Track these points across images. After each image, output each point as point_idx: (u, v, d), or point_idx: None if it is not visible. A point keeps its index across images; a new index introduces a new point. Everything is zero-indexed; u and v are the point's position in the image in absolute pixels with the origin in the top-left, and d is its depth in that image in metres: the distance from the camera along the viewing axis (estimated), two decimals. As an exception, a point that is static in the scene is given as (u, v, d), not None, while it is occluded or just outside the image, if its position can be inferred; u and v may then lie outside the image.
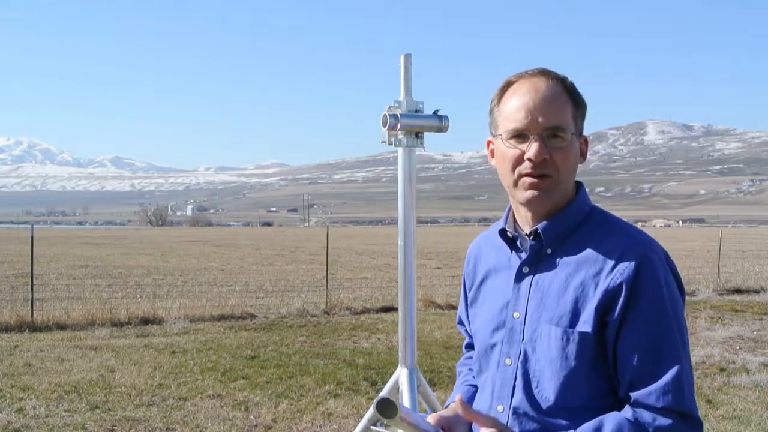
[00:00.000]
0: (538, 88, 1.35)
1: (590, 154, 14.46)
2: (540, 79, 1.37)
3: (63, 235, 50.88)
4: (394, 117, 1.93)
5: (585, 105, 1.41)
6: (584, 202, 1.40)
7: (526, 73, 1.40)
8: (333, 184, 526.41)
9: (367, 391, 6.27)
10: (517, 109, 1.35)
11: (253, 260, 25.47)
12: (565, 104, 1.36)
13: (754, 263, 21.00)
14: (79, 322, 9.87)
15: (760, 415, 5.64)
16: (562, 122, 1.34)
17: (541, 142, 1.33)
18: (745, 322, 10.52)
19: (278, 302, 12.27)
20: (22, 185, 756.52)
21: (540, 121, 1.33)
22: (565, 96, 1.36)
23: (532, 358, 1.32)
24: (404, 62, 2.07)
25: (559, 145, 1.34)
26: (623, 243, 1.29)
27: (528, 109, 1.34)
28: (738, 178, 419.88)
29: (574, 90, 1.39)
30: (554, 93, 1.35)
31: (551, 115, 1.33)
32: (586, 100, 1.42)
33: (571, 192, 1.40)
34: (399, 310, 2.11)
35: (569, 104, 1.36)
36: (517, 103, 1.36)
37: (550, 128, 1.33)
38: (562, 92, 1.36)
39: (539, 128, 1.33)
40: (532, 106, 1.33)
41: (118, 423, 5.33)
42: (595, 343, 1.26)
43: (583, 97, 1.41)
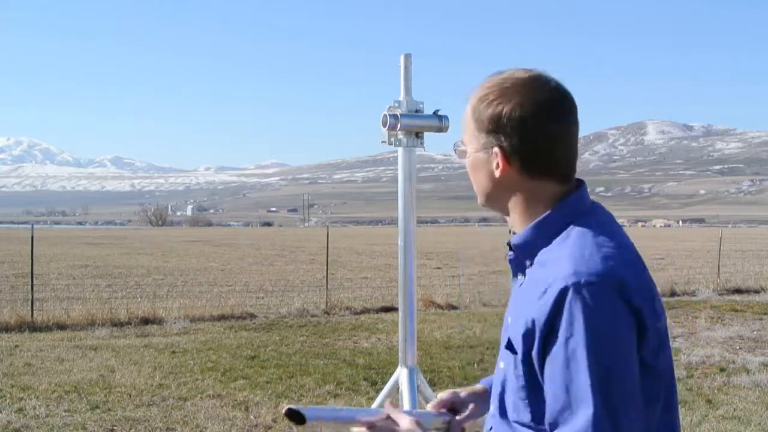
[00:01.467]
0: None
1: (590, 154, 13.89)
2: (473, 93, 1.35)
3: (63, 235, 50.88)
4: (394, 117, 1.93)
5: (485, 102, 1.28)
6: (562, 214, 1.26)
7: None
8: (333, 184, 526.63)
9: (367, 391, 6.27)
10: None
11: (253, 260, 25.48)
12: (467, 121, 1.33)
13: (754, 263, 20.99)
14: (79, 322, 9.88)
15: (760, 415, 5.64)
16: (463, 138, 1.36)
17: (454, 150, 1.40)
18: (745, 322, 10.53)
19: (278, 302, 12.27)
20: (22, 185, 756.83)
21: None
22: (471, 109, 1.32)
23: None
24: (404, 62, 2.07)
25: (462, 157, 1.38)
26: (557, 271, 1.18)
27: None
28: (738, 178, 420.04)
29: (478, 103, 1.30)
30: (467, 107, 1.34)
31: (462, 131, 1.37)
32: (501, 109, 1.26)
33: (517, 205, 1.32)
34: (399, 310, 2.12)
35: (471, 119, 1.32)
36: None
37: (458, 142, 1.39)
38: (471, 104, 1.32)
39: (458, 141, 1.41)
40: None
41: (118, 423, 5.33)
42: (526, 369, 1.23)
43: (486, 93, 1.28)
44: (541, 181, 1.27)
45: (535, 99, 1.25)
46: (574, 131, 1.29)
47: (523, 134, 1.25)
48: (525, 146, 1.25)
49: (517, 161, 1.26)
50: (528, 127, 1.24)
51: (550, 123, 1.25)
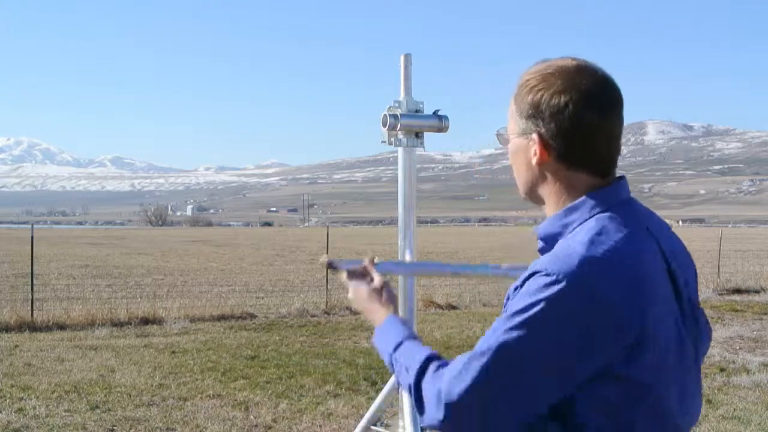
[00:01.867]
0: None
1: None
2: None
3: (63, 235, 50.89)
4: (394, 117, 1.93)
5: (528, 89, 1.24)
6: (588, 205, 1.22)
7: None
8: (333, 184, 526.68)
9: (367, 391, 6.27)
10: None
11: (253, 260, 25.48)
12: (511, 108, 1.30)
13: (754, 263, 20.99)
14: (79, 322, 9.88)
15: (760, 415, 5.65)
16: (508, 125, 1.33)
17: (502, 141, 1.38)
18: (745, 322, 10.53)
19: (278, 302, 12.27)
20: (22, 185, 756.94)
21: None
22: (512, 99, 1.29)
23: None
24: (404, 62, 2.07)
25: (505, 144, 1.36)
26: (541, 259, 1.19)
27: None
28: (738, 178, 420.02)
29: (520, 88, 1.27)
30: (513, 95, 1.31)
31: (508, 117, 1.35)
32: (539, 94, 1.22)
33: (551, 196, 1.29)
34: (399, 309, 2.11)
35: (512, 104, 1.29)
36: None
37: (501, 130, 1.38)
38: (515, 92, 1.29)
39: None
40: None
41: (118, 423, 5.33)
42: None
43: (530, 79, 1.25)
44: (577, 171, 1.24)
45: (577, 87, 1.21)
46: (616, 124, 1.25)
47: (561, 122, 1.21)
48: (563, 134, 1.22)
49: (555, 149, 1.23)
50: (567, 115, 1.21)
51: (590, 112, 1.21)
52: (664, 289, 1.20)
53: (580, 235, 1.18)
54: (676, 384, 1.22)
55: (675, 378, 1.21)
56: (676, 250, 1.28)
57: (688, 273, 1.29)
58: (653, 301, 1.15)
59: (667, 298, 1.21)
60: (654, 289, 1.17)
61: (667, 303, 1.20)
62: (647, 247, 1.20)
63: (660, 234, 1.26)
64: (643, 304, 1.14)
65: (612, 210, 1.21)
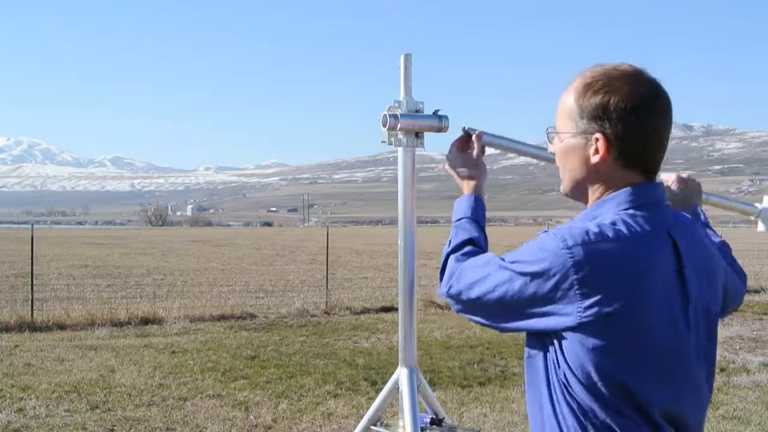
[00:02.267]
0: (566, 90, 1.41)
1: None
2: (576, 78, 1.39)
3: (63, 235, 50.87)
4: (394, 117, 1.93)
5: (591, 91, 1.32)
6: (605, 203, 1.33)
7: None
8: (333, 184, 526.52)
9: (367, 391, 6.27)
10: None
11: (253, 260, 25.48)
12: (568, 107, 1.36)
13: (754, 263, 20.99)
14: (79, 322, 9.88)
15: (760, 415, 5.65)
16: (559, 125, 1.40)
17: (549, 138, 1.45)
18: (745, 322, 10.54)
19: (278, 302, 12.27)
20: (22, 185, 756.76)
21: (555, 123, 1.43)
22: (573, 97, 1.35)
23: None
24: (404, 62, 2.07)
25: (557, 146, 1.41)
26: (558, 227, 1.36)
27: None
28: (738, 178, 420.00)
29: (584, 89, 1.33)
30: (566, 94, 1.38)
31: (556, 117, 1.41)
32: (607, 96, 1.31)
33: (592, 197, 1.38)
34: (399, 310, 2.11)
35: (573, 106, 1.35)
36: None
37: (551, 129, 1.43)
38: (574, 93, 1.36)
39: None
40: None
41: (118, 423, 5.33)
42: None
43: (592, 81, 1.33)
44: (630, 171, 1.33)
45: (640, 92, 1.30)
46: (668, 128, 1.34)
47: (627, 124, 1.30)
48: (626, 136, 1.30)
49: (616, 149, 1.31)
50: (633, 118, 1.29)
51: (652, 116, 1.30)
52: (665, 291, 1.27)
53: (598, 222, 1.29)
54: (664, 378, 1.28)
55: (660, 371, 1.28)
56: (699, 262, 1.35)
57: (708, 286, 1.36)
58: (641, 290, 1.23)
59: (668, 300, 1.27)
60: (644, 283, 1.24)
61: (665, 305, 1.26)
62: (657, 250, 1.27)
63: (686, 244, 1.33)
64: (629, 287, 1.23)
65: (637, 209, 1.30)
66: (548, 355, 1.32)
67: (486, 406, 5.82)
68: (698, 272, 1.33)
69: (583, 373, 1.25)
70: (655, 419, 1.28)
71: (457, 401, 5.99)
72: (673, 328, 1.28)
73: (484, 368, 7.29)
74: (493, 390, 6.38)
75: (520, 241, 1.45)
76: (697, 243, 1.36)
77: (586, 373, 1.25)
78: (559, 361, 1.29)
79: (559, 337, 1.28)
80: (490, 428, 5.30)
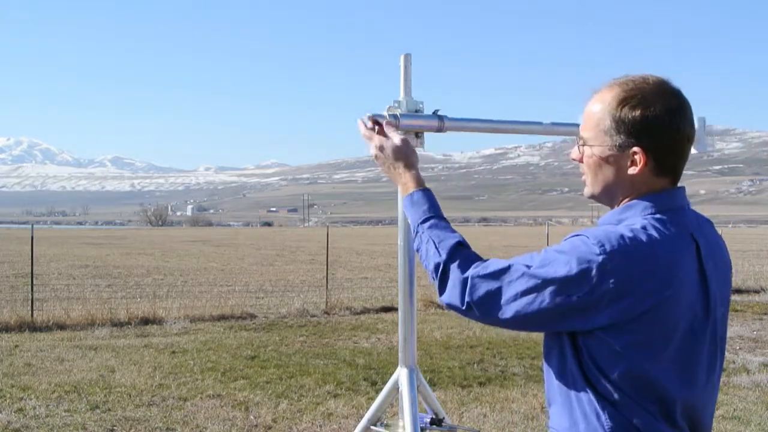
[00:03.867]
0: (593, 99, 1.46)
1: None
2: (605, 90, 1.43)
3: (63, 235, 50.88)
4: (394, 117, 1.93)
5: (634, 117, 1.36)
6: (631, 207, 1.39)
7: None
8: (333, 184, 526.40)
9: (367, 391, 6.27)
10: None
11: (253, 260, 25.48)
12: (600, 119, 1.41)
13: (754, 263, 20.99)
14: (79, 322, 9.88)
15: (760, 415, 5.65)
16: (589, 135, 1.44)
17: (577, 145, 1.48)
18: (745, 322, 10.54)
19: (278, 302, 12.27)
20: (22, 185, 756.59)
21: (581, 132, 1.47)
22: (607, 110, 1.39)
23: None
24: (404, 62, 2.07)
25: (586, 152, 1.45)
26: (589, 229, 1.39)
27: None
28: (738, 178, 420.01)
29: (619, 104, 1.38)
30: (595, 105, 1.43)
31: (584, 126, 1.45)
32: (648, 112, 1.35)
33: (620, 201, 1.43)
34: (399, 310, 2.11)
35: (608, 119, 1.39)
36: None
37: (581, 138, 1.47)
38: (606, 105, 1.40)
39: (579, 135, 1.49)
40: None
41: (118, 423, 5.33)
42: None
43: (643, 110, 1.36)
44: (662, 178, 1.40)
45: (673, 104, 1.37)
46: (693, 136, 1.41)
47: (663, 137, 1.36)
48: (663, 147, 1.37)
49: (653, 161, 1.38)
50: (669, 131, 1.36)
51: (683, 126, 1.37)
52: (689, 289, 1.34)
53: (626, 225, 1.35)
54: (681, 369, 1.34)
55: (682, 367, 1.34)
56: (718, 264, 1.42)
57: (724, 285, 1.44)
58: (670, 290, 1.30)
59: (690, 297, 1.34)
60: (674, 283, 1.30)
61: (688, 301, 1.34)
62: (683, 252, 1.34)
63: (706, 244, 1.39)
64: (660, 287, 1.28)
65: (662, 213, 1.37)
66: (569, 349, 1.37)
67: (486, 406, 5.82)
68: (717, 272, 1.40)
69: (608, 368, 1.32)
70: (674, 416, 1.34)
71: (457, 401, 5.99)
72: (694, 326, 1.35)
73: (484, 368, 7.28)
74: (493, 390, 6.38)
75: (520, 241, 1.45)
76: (715, 243, 1.44)
77: (610, 368, 1.31)
78: (584, 358, 1.34)
79: (585, 335, 1.33)
80: (490, 428, 5.30)
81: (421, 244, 1.59)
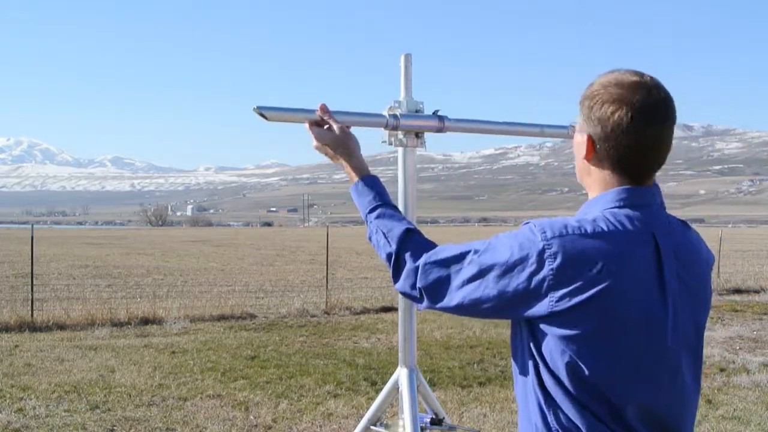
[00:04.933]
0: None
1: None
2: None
3: (63, 235, 50.87)
4: (395, 117, 1.93)
5: (588, 97, 1.39)
6: (595, 203, 1.38)
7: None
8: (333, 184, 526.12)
9: (367, 391, 6.27)
10: None
11: (253, 260, 25.48)
12: (581, 105, 1.44)
13: (754, 263, 21.01)
14: (79, 322, 9.88)
15: (760, 415, 5.65)
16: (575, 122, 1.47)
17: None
18: (745, 322, 10.54)
19: (278, 302, 12.27)
20: (22, 185, 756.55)
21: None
22: (582, 96, 1.43)
23: None
24: (404, 62, 2.07)
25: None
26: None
27: None
28: (738, 178, 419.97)
29: (589, 96, 1.40)
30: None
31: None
32: (592, 90, 1.38)
33: (592, 190, 1.43)
34: (399, 310, 2.11)
35: (580, 104, 1.43)
36: None
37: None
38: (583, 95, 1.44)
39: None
40: None
41: (118, 423, 5.33)
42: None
43: (592, 88, 1.39)
44: (616, 174, 1.37)
45: (630, 102, 1.33)
46: (665, 135, 1.37)
47: (607, 129, 1.35)
48: (606, 140, 1.35)
49: (598, 151, 1.38)
50: (612, 124, 1.34)
51: (637, 125, 1.32)
52: (639, 287, 1.29)
53: (579, 218, 1.35)
54: (634, 370, 1.29)
55: (635, 368, 1.29)
56: (690, 267, 1.38)
57: (696, 294, 1.38)
58: (614, 286, 1.26)
59: (641, 296, 1.29)
60: (616, 276, 1.26)
61: (637, 299, 1.28)
62: (635, 249, 1.30)
63: (672, 245, 1.35)
64: (601, 281, 1.25)
65: (622, 209, 1.34)
66: (525, 344, 1.36)
67: (486, 406, 5.82)
68: (683, 277, 1.35)
69: (553, 364, 1.30)
70: (626, 419, 1.30)
71: (457, 401, 5.99)
72: (650, 328, 1.29)
73: (484, 368, 7.28)
74: (493, 390, 6.38)
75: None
76: (688, 249, 1.39)
77: (555, 364, 1.29)
78: (533, 352, 1.33)
79: (533, 327, 1.32)
80: (490, 428, 5.30)
81: (371, 234, 1.61)
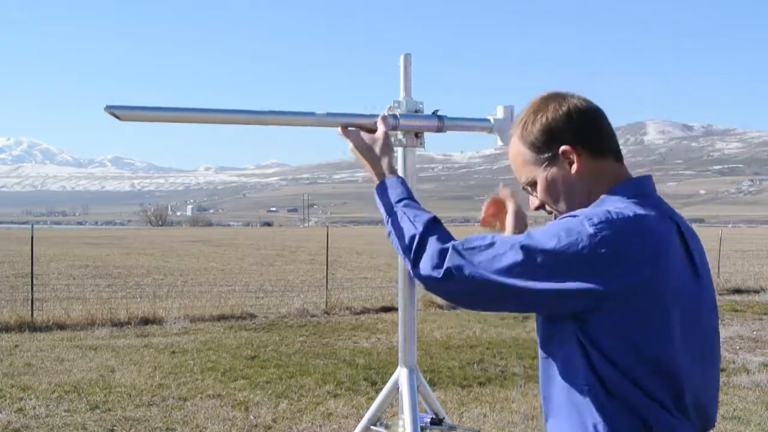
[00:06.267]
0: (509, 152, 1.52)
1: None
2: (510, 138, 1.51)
3: (63, 235, 50.85)
4: (394, 117, 1.93)
5: (540, 126, 1.41)
6: (599, 202, 1.39)
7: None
8: (333, 184, 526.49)
9: (367, 391, 6.27)
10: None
11: (253, 260, 25.48)
12: (522, 156, 1.46)
13: (754, 263, 21.01)
14: (79, 322, 9.88)
15: (760, 415, 5.65)
16: (526, 176, 1.47)
17: (530, 195, 1.51)
18: (745, 322, 10.54)
19: (278, 302, 12.27)
20: (22, 185, 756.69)
21: (521, 181, 1.51)
22: (519, 144, 1.46)
23: None
24: (404, 62, 2.07)
25: (538, 188, 1.47)
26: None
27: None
28: (738, 178, 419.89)
29: (522, 129, 1.44)
30: (512, 150, 1.49)
31: (519, 174, 1.50)
32: (550, 114, 1.42)
33: (586, 200, 1.43)
34: (399, 310, 2.11)
35: (525, 149, 1.45)
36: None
37: (524, 185, 1.50)
38: (517, 142, 1.47)
39: (522, 185, 1.51)
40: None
41: (118, 423, 5.33)
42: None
43: (539, 117, 1.42)
44: (604, 159, 1.42)
45: (568, 99, 1.43)
46: (604, 116, 1.45)
47: (574, 124, 1.40)
48: (581, 132, 1.40)
49: (582, 148, 1.40)
50: (576, 117, 1.40)
51: (589, 109, 1.42)
52: (678, 268, 1.33)
53: (611, 205, 1.37)
54: (685, 351, 1.32)
55: (684, 340, 1.32)
56: (700, 250, 1.43)
57: (708, 275, 1.44)
58: (662, 261, 1.29)
59: (682, 272, 1.34)
60: (664, 256, 1.30)
61: (681, 275, 1.33)
62: (669, 228, 1.35)
63: (684, 227, 1.41)
64: (651, 258, 1.28)
65: (639, 198, 1.38)
66: (570, 337, 1.32)
67: (486, 406, 5.82)
68: (700, 257, 1.41)
69: (611, 351, 1.28)
70: (686, 404, 1.31)
71: (457, 401, 5.99)
72: (690, 299, 1.34)
73: (484, 368, 7.28)
74: (493, 390, 6.38)
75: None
76: (692, 232, 1.44)
77: (614, 350, 1.28)
78: (583, 341, 1.30)
79: (584, 315, 1.30)
80: (490, 428, 5.30)
81: (394, 223, 1.57)
